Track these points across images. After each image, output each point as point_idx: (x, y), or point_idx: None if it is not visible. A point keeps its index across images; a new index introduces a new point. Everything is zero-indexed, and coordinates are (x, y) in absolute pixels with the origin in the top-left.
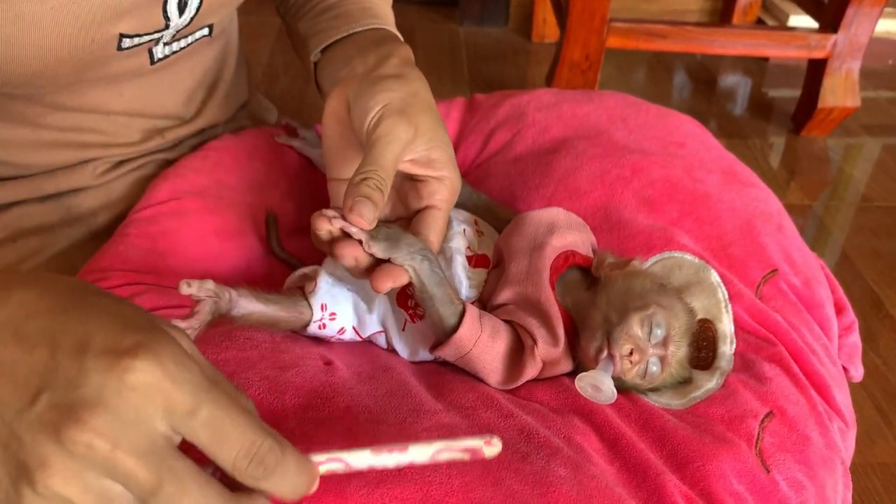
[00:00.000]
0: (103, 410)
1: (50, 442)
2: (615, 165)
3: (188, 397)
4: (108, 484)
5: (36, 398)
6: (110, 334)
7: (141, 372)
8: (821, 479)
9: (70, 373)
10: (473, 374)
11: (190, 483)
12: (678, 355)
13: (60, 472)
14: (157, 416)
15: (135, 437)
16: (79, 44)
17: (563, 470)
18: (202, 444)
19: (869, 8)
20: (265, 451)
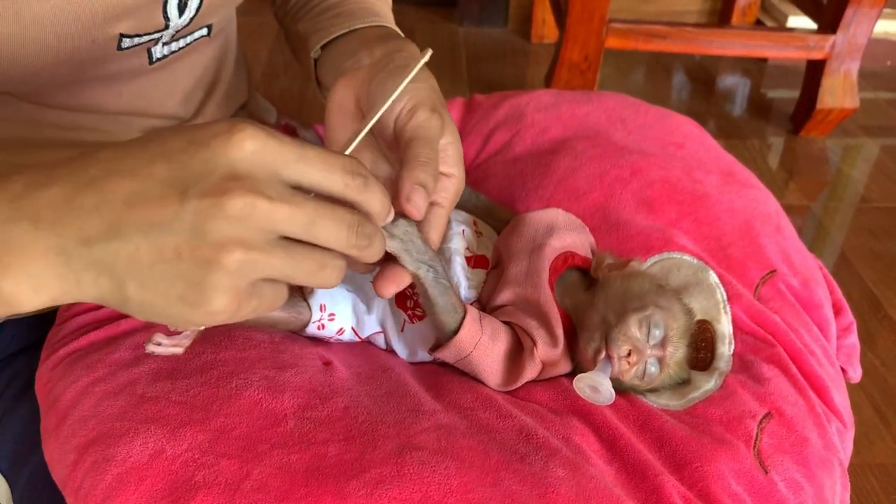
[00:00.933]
0: (243, 178)
1: (219, 221)
2: (614, 166)
3: (293, 148)
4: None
5: (184, 198)
6: (203, 129)
7: (251, 139)
8: (819, 480)
9: (195, 167)
10: (473, 376)
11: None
12: (676, 356)
13: (236, 240)
14: (279, 167)
15: (277, 189)
16: (79, 43)
17: (562, 470)
18: (315, 179)
19: (868, 9)
20: (358, 166)
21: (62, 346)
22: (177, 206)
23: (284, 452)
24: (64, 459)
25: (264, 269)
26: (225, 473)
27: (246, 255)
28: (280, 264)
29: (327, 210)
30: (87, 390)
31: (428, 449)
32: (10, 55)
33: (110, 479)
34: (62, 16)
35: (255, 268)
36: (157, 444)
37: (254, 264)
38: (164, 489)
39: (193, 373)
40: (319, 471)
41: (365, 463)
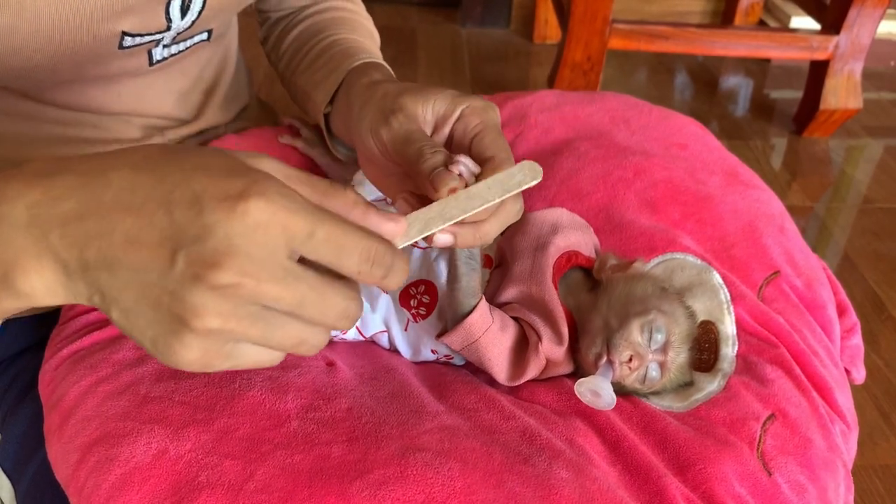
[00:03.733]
0: (237, 252)
1: (200, 291)
2: (617, 167)
3: (304, 222)
4: (258, 309)
5: (174, 258)
6: (217, 183)
7: (257, 211)
8: (822, 482)
9: (193, 229)
10: (478, 366)
11: (323, 287)
12: (678, 361)
13: (214, 311)
14: (282, 245)
15: (270, 268)
16: (81, 38)
17: (565, 472)
18: (325, 260)
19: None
20: (381, 252)
21: (65, 345)
22: (166, 262)
23: (288, 453)
24: (67, 459)
25: (240, 338)
26: (228, 474)
27: (220, 324)
28: (257, 336)
29: (319, 297)
30: (91, 390)
31: (431, 450)
32: (11, 47)
33: (114, 479)
34: (64, 9)
35: (228, 336)
36: (160, 445)
37: (227, 333)
38: (167, 489)
39: (196, 373)
40: (323, 472)
41: (368, 464)
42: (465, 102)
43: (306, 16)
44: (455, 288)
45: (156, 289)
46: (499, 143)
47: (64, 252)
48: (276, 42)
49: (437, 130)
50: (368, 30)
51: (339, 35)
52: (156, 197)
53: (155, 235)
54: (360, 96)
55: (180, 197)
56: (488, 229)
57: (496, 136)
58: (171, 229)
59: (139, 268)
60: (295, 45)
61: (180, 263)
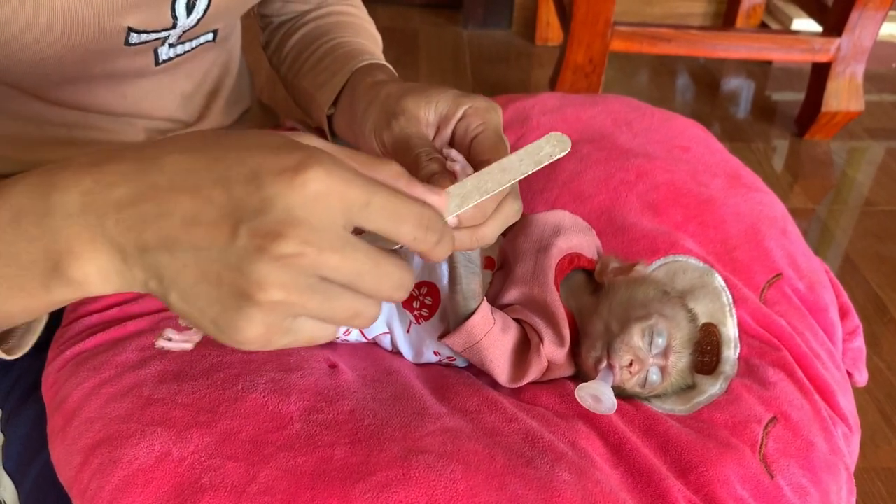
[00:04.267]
0: (298, 223)
1: (263, 262)
2: (619, 169)
3: (360, 192)
4: (316, 280)
5: (235, 232)
6: (272, 158)
7: (315, 181)
8: (825, 485)
9: (254, 202)
10: (480, 368)
11: (378, 257)
12: (679, 365)
13: (277, 283)
14: (339, 215)
15: (330, 238)
16: (87, 31)
17: (568, 474)
18: (381, 228)
19: (873, 11)
20: (434, 219)
21: (69, 347)
22: (228, 237)
23: (290, 455)
24: (70, 461)
25: (299, 311)
26: (231, 476)
27: (283, 296)
28: (315, 308)
29: (375, 266)
30: (94, 392)
31: (434, 452)
32: (19, 39)
33: (117, 480)
34: (73, 1)
35: (290, 309)
36: (163, 446)
37: (289, 306)
38: (170, 491)
39: (200, 375)
40: (325, 474)
41: (371, 466)
42: (467, 102)
43: (309, 20)
44: (455, 291)
45: (217, 265)
46: (498, 146)
47: (120, 237)
48: (278, 46)
49: (439, 131)
50: (371, 33)
51: (343, 38)
52: (212, 176)
53: (214, 213)
54: (364, 97)
55: (237, 174)
56: (486, 231)
57: (496, 138)
58: (231, 205)
59: (200, 246)
60: (298, 49)
61: (242, 237)
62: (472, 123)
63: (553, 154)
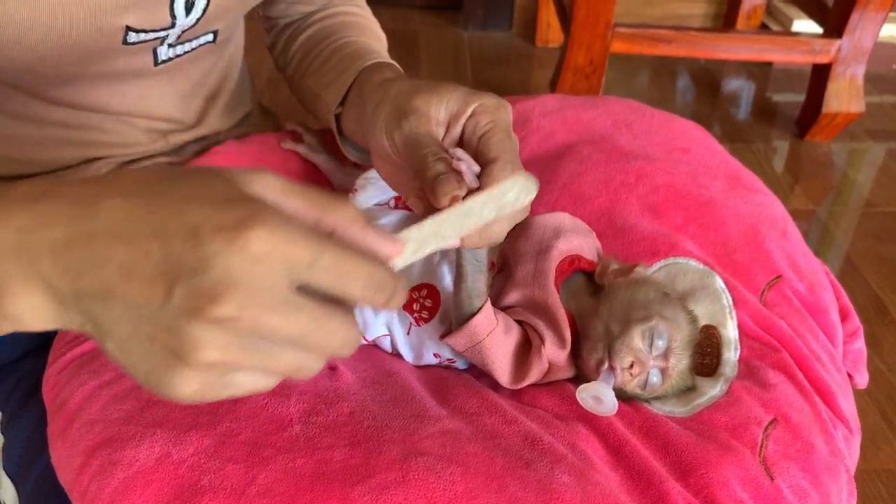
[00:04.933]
0: (236, 285)
1: (199, 324)
2: (619, 171)
3: (306, 251)
4: (256, 339)
5: (170, 292)
6: (214, 214)
7: (258, 241)
8: (825, 487)
9: (192, 261)
10: (481, 368)
11: (323, 317)
12: (679, 367)
13: (212, 345)
14: (282, 275)
15: (272, 299)
16: (85, 31)
17: (567, 477)
18: (328, 287)
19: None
20: (384, 278)
21: (69, 349)
22: (162, 295)
23: (290, 457)
24: (71, 463)
25: (237, 369)
26: (230, 478)
27: (218, 357)
28: (254, 365)
29: (318, 327)
30: (94, 394)
31: (433, 454)
32: (18, 39)
33: (117, 482)
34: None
35: (226, 368)
36: (163, 448)
37: (226, 365)
38: (170, 493)
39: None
40: (325, 476)
41: (370, 468)
42: (477, 100)
43: (315, 20)
44: (460, 289)
45: (151, 323)
46: (505, 144)
47: (56, 280)
48: (284, 47)
49: (449, 129)
50: (377, 33)
51: (349, 38)
52: (150, 228)
53: (150, 269)
54: (373, 95)
55: (176, 228)
56: (495, 228)
57: (504, 136)
58: (167, 262)
59: (134, 302)
60: (304, 49)
61: (177, 297)
62: (481, 121)
63: (518, 201)
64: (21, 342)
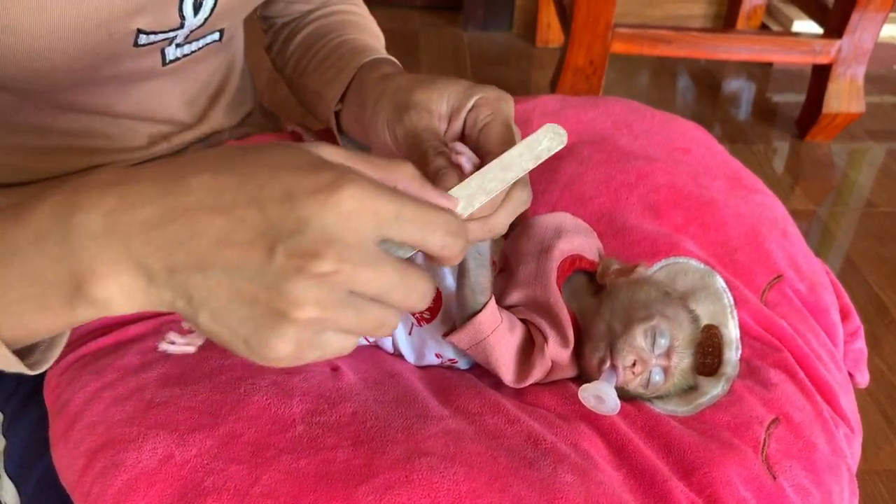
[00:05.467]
0: (333, 241)
1: (302, 281)
2: (620, 171)
3: (391, 206)
4: (348, 295)
5: (272, 253)
6: (304, 178)
7: (348, 199)
8: (827, 486)
9: (289, 222)
10: (484, 366)
11: (407, 271)
12: (681, 366)
13: (314, 301)
14: (371, 230)
15: (364, 253)
16: (97, 37)
17: (570, 476)
18: (411, 239)
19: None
20: (459, 225)
21: (70, 351)
22: (264, 257)
23: (293, 458)
24: (73, 465)
25: (331, 326)
26: (234, 479)
27: (319, 313)
28: (347, 322)
29: (403, 279)
30: (96, 396)
31: (436, 454)
32: (30, 48)
33: (119, 484)
34: (83, 8)
35: (323, 325)
36: (166, 450)
37: (323, 322)
38: (173, 494)
39: (202, 378)
40: (328, 476)
41: (373, 468)
42: (478, 93)
43: (312, 19)
44: (464, 285)
45: (252, 284)
46: (504, 135)
47: (148, 258)
48: (281, 46)
49: (451, 122)
50: (374, 31)
51: (347, 35)
52: (244, 196)
53: (249, 233)
54: (373, 91)
55: (270, 193)
56: (497, 221)
57: (503, 128)
58: (266, 225)
59: (234, 266)
60: (302, 48)
61: (279, 256)
62: (482, 114)
63: (551, 148)
64: None
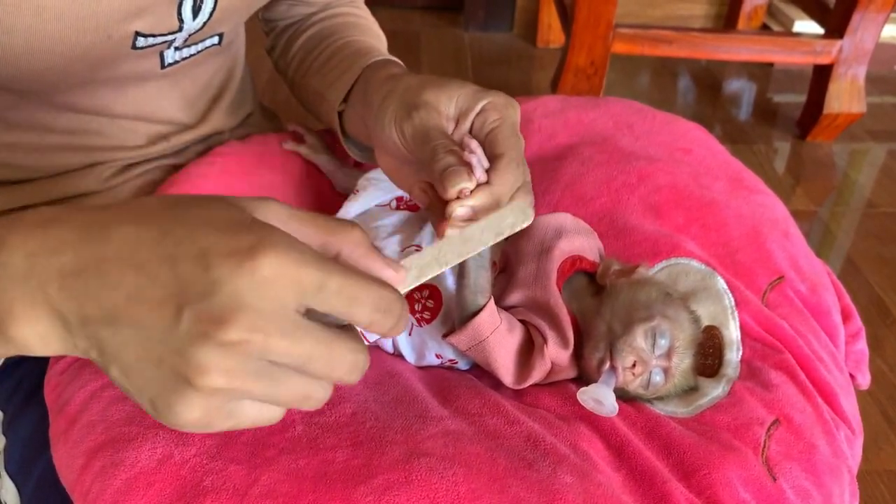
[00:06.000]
0: (245, 308)
1: (206, 348)
2: (621, 172)
3: (315, 275)
4: (264, 364)
5: (179, 315)
6: (223, 239)
7: (268, 265)
8: (828, 488)
9: (201, 285)
10: (484, 368)
11: (332, 341)
12: (682, 366)
13: (219, 369)
14: (291, 299)
15: (279, 323)
16: (96, 39)
17: (570, 477)
18: (336, 311)
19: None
20: (391, 301)
21: None
22: (171, 318)
23: (292, 458)
24: (72, 464)
25: (244, 396)
26: (233, 479)
27: (225, 382)
28: (262, 393)
29: (327, 351)
30: (96, 395)
31: (436, 455)
32: (29, 48)
33: (119, 483)
34: (82, 10)
35: (232, 395)
36: (165, 449)
37: (231, 392)
38: (172, 494)
39: None
40: (327, 476)
41: (373, 469)
42: (486, 98)
43: (315, 21)
44: (463, 285)
45: (159, 347)
46: (511, 141)
47: (62, 305)
48: (284, 49)
49: (458, 125)
50: (377, 34)
51: (351, 37)
52: (159, 253)
53: (159, 292)
54: (380, 90)
55: (185, 252)
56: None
57: (511, 133)
58: (177, 286)
59: (142, 325)
60: (305, 49)
61: (186, 320)
62: (490, 118)
63: (515, 225)
64: None
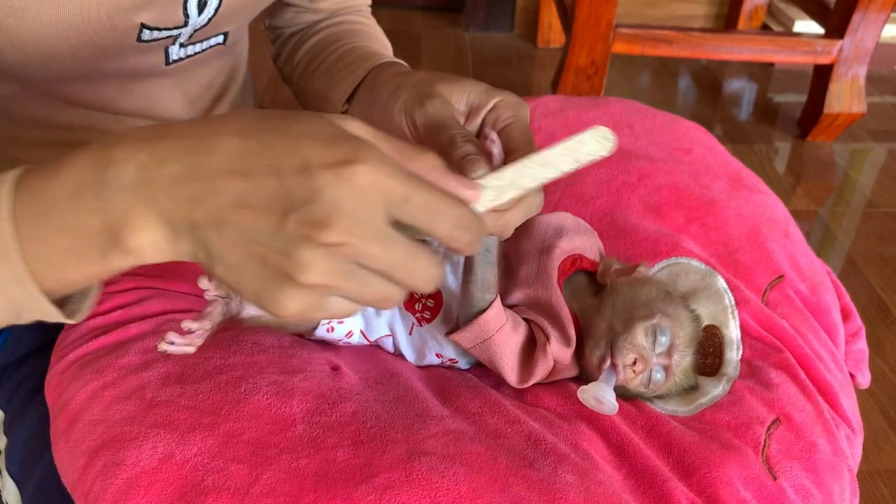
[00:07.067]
0: (343, 214)
1: (308, 248)
2: (621, 171)
3: (402, 188)
4: (355, 267)
5: (284, 219)
6: (323, 150)
7: (361, 175)
8: (828, 487)
9: (303, 192)
10: (488, 366)
11: (415, 252)
12: (682, 364)
13: (319, 268)
14: (381, 208)
15: (372, 229)
16: (101, 27)
17: (570, 476)
18: (419, 223)
19: (875, 13)
20: (471, 220)
21: (71, 350)
22: (276, 222)
23: (293, 457)
24: (74, 463)
25: (336, 293)
26: (234, 478)
27: (323, 280)
28: (350, 291)
29: (410, 260)
30: (97, 395)
31: (436, 454)
32: (36, 34)
33: (120, 483)
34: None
35: (327, 291)
36: (166, 449)
37: (327, 289)
38: (173, 493)
39: (202, 377)
40: (328, 476)
41: (373, 468)
42: (498, 95)
43: (321, 28)
44: (470, 282)
45: (264, 247)
46: (526, 137)
47: (172, 212)
48: (289, 55)
49: (468, 121)
50: (382, 41)
51: (357, 43)
52: (264, 163)
53: (265, 199)
54: (389, 84)
55: (289, 163)
56: (509, 218)
57: (525, 130)
58: (281, 193)
59: (249, 228)
60: (310, 55)
61: (291, 224)
62: (503, 115)
63: (594, 153)
64: (23, 343)
